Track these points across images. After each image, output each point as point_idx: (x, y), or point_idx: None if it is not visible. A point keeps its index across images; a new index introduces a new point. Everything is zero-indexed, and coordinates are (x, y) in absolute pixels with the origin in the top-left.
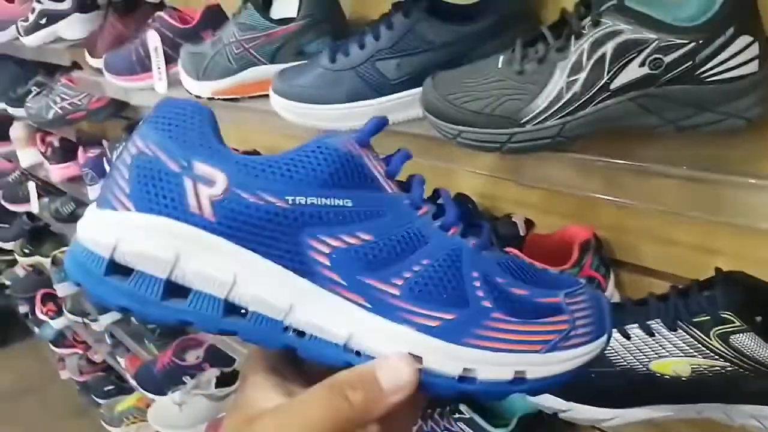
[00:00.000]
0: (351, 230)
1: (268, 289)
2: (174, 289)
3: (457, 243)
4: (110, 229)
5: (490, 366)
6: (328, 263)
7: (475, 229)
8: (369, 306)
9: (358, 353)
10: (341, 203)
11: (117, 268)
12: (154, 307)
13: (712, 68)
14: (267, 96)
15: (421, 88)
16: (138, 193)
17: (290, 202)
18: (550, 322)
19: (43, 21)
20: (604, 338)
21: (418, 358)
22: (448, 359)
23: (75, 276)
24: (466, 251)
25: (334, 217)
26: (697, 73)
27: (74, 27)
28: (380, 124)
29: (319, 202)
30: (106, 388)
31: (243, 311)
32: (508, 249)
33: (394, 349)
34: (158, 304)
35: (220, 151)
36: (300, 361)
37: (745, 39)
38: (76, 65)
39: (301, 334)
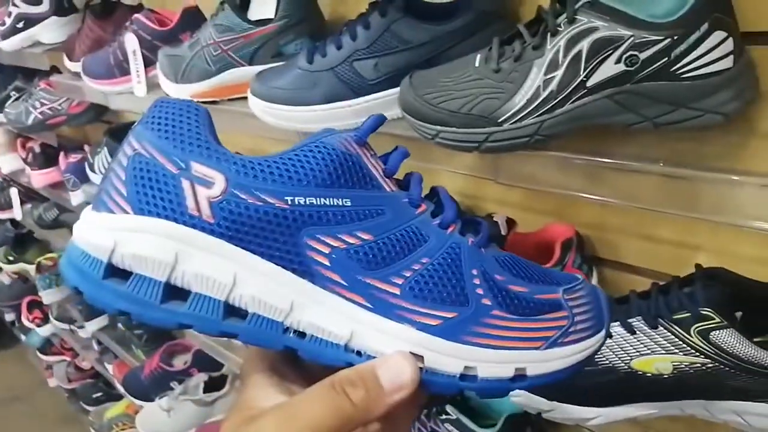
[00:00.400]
0: (350, 230)
1: (268, 290)
2: (173, 292)
3: (456, 241)
4: (108, 232)
5: (491, 364)
6: (327, 263)
7: (473, 226)
8: (369, 306)
9: (359, 353)
10: (340, 203)
11: (115, 272)
12: (154, 311)
13: (687, 64)
14: (246, 98)
15: (398, 88)
16: (135, 195)
17: (289, 202)
18: (550, 319)
19: (20, 25)
20: (602, 333)
21: (419, 357)
22: (450, 358)
23: (72, 280)
24: (465, 249)
25: (333, 217)
26: (673, 69)
27: (52, 30)
28: (378, 122)
29: (318, 202)
30: (94, 395)
31: (243, 313)
32: None
33: (395, 349)
34: (158, 307)
35: (218, 151)
36: (299, 361)
37: (719, 35)
38: (55, 69)
39: (301, 335)
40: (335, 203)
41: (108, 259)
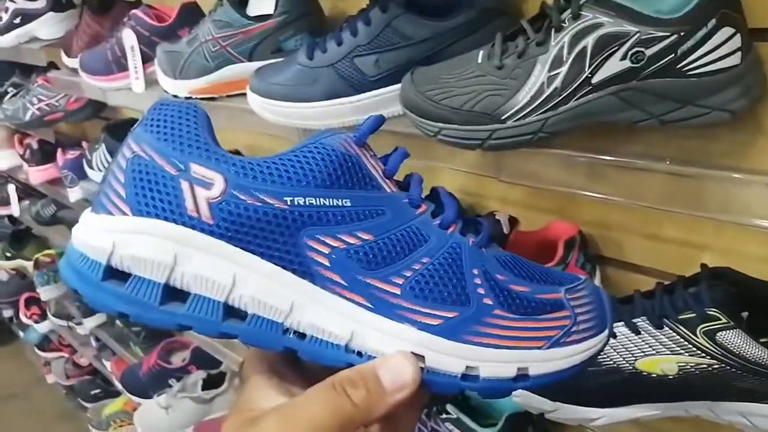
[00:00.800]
0: (350, 230)
1: (267, 290)
2: (173, 293)
3: (456, 240)
4: (106, 233)
5: (493, 363)
6: (327, 264)
7: (474, 226)
8: (370, 306)
9: (359, 354)
10: (340, 203)
11: (114, 274)
12: (153, 312)
13: (694, 61)
14: (245, 94)
15: (400, 85)
16: (134, 196)
17: (288, 203)
18: (552, 318)
19: (18, 20)
20: (605, 333)
21: (420, 357)
22: (451, 357)
23: (71, 283)
24: (465, 248)
25: (333, 218)
26: (679, 66)
27: (49, 26)
28: (377, 123)
29: (318, 203)
30: (92, 392)
31: (243, 314)
32: None
33: (396, 349)
34: (157, 308)
35: (217, 152)
36: (300, 362)
37: (727, 31)
38: (52, 65)
39: (301, 336)
40: (335, 203)
41: (107, 261)
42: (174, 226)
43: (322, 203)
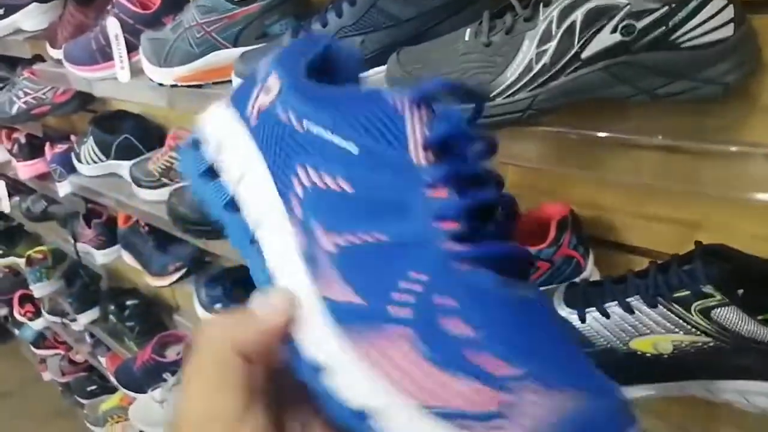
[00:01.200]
0: (335, 172)
1: (254, 195)
2: (212, 173)
3: (435, 235)
4: (209, 117)
5: (349, 378)
6: (301, 195)
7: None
8: (306, 252)
9: None
10: (345, 145)
11: (197, 146)
12: (195, 177)
13: (686, 33)
14: (231, 81)
15: (386, 66)
16: (234, 94)
17: (304, 126)
18: (466, 385)
19: (1, 12)
20: None
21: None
22: (318, 342)
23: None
24: (435, 251)
25: (332, 155)
26: (671, 38)
27: (33, 17)
28: (440, 85)
29: (327, 136)
30: (89, 389)
31: (238, 209)
32: None
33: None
34: (197, 176)
35: (298, 75)
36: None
37: (719, 2)
38: (38, 57)
39: (259, 252)
40: (340, 144)
41: (197, 135)
42: (235, 118)
43: (329, 138)
